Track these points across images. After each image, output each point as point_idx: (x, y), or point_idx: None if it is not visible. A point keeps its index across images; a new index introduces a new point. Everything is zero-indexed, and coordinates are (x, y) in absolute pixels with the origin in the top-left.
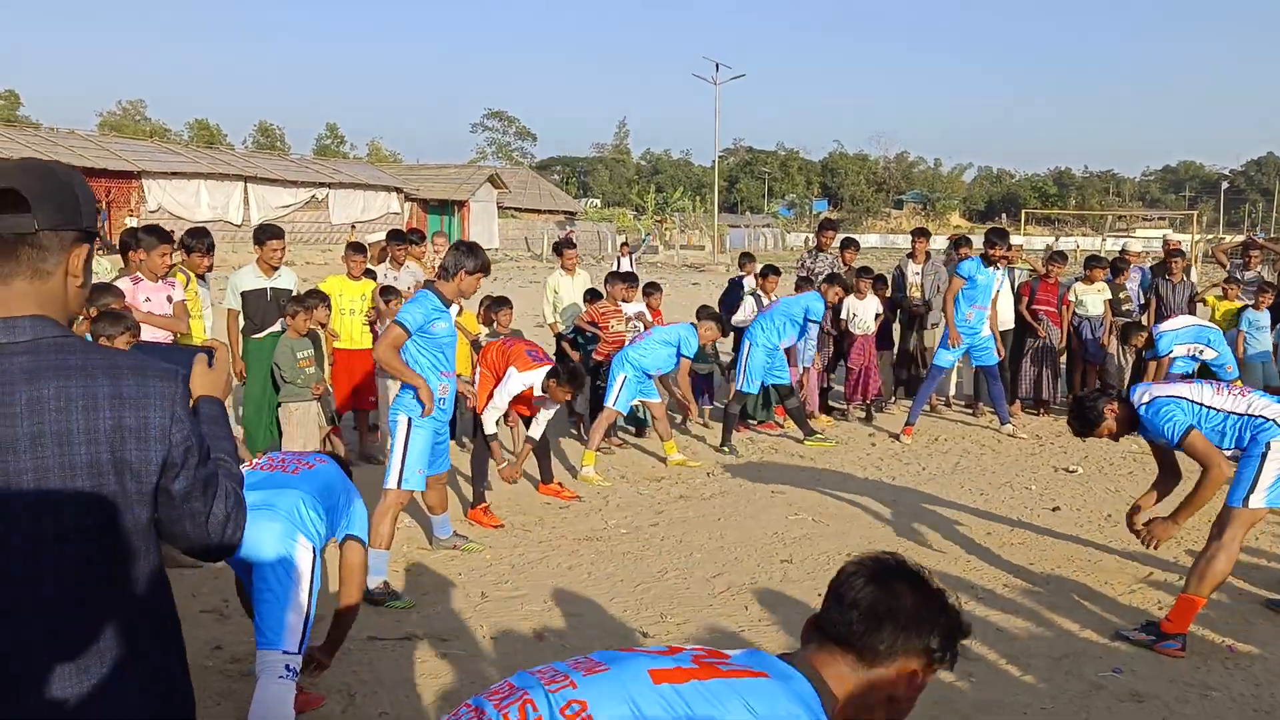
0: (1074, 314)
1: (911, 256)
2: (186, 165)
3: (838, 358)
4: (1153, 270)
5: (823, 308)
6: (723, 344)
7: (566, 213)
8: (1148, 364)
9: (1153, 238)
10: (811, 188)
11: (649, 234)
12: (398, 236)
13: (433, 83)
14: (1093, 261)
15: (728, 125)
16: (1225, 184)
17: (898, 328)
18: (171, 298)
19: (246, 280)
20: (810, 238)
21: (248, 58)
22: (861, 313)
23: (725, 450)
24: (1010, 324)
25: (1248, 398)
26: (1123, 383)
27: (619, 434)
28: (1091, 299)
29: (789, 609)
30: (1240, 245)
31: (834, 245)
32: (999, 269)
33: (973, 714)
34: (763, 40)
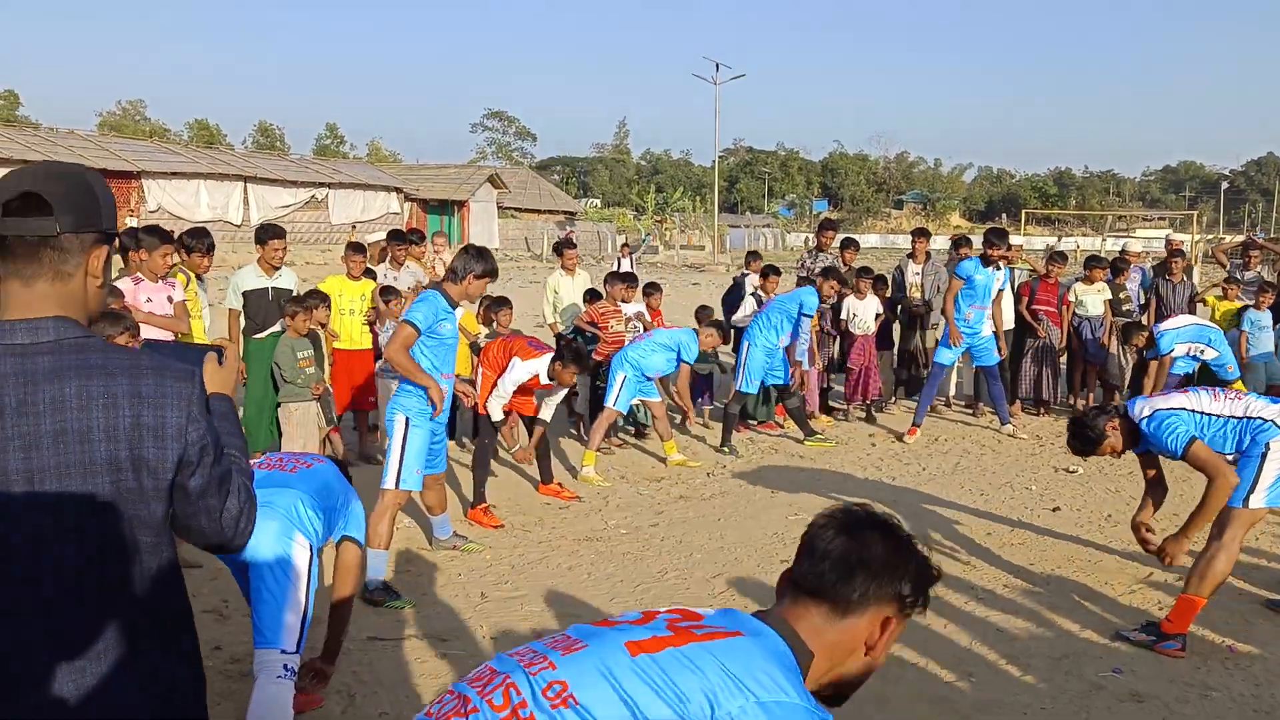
0: (1074, 314)
1: (911, 257)
2: (186, 165)
3: (843, 361)
4: (1153, 270)
5: (817, 301)
6: (723, 345)
7: (566, 213)
8: (1149, 363)
9: (1153, 238)
10: (811, 188)
11: (649, 234)
12: (398, 236)
13: (433, 83)
14: (1093, 262)
15: (728, 125)
16: (1225, 184)
17: (898, 328)
18: (172, 298)
19: (248, 280)
20: (810, 238)
21: (247, 58)
22: (861, 313)
23: (725, 450)
24: (1010, 324)
25: (1244, 400)
26: (1124, 382)
27: (619, 434)
28: (1091, 299)
29: None
30: (1240, 245)
31: (834, 245)
32: (998, 269)
33: (973, 714)
34: (763, 40)
